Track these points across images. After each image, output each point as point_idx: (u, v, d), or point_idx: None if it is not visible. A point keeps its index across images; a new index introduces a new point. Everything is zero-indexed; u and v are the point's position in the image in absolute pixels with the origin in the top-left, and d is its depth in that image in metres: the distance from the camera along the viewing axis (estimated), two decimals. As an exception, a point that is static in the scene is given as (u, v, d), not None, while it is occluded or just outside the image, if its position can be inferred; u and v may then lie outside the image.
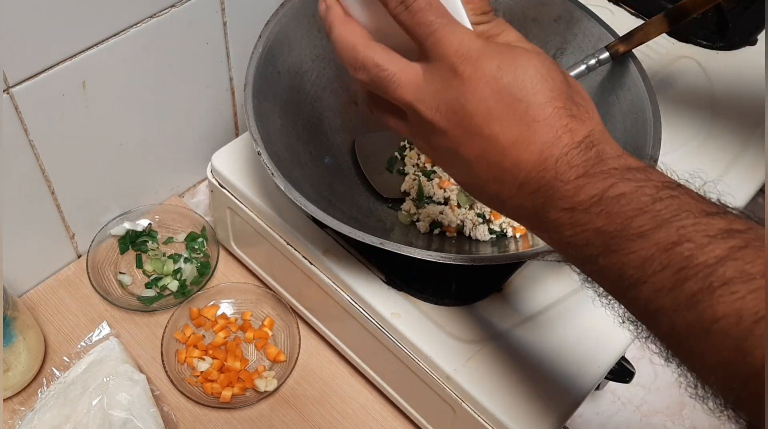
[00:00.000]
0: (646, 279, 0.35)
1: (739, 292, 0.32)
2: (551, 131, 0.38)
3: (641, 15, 0.88)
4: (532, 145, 0.38)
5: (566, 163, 0.38)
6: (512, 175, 0.39)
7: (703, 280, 0.33)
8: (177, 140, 0.79)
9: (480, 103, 0.39)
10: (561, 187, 0.38)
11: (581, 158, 0.38)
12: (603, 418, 0.81)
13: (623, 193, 0.36)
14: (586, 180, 0.37)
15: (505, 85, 0.38)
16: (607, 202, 0.36)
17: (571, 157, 0.38)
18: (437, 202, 0.69)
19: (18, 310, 0.65)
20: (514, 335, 0.61)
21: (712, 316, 0.33)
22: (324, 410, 0.70)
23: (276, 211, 0.66)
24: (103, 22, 0.61)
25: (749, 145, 0.77)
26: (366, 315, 0.63)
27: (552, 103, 0.39)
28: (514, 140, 0.39)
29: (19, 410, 0.67)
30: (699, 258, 0.33)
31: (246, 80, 0.61)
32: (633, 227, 0.35)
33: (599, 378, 0.61)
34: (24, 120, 0.61)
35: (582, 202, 0.37)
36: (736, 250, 0.33)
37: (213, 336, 0.73)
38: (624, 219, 0.36)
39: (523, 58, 0.39)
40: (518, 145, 0.39)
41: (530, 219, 0.41)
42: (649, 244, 0.35)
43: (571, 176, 0.38)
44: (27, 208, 0.68)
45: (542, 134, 0.38)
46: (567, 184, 0.38)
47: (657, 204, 0.36)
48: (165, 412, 0.67)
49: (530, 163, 0.39)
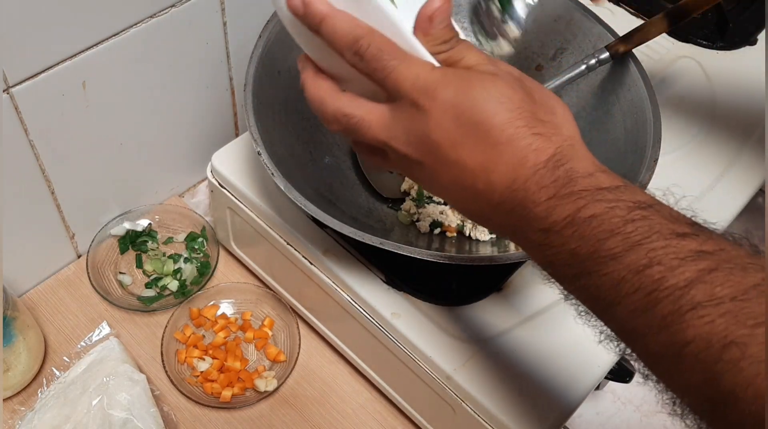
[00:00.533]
0: (620, 301, 0.35)
1: (709, 316, 0.32)
2: (516, 152, 0.38)
3: (641, 15, 0.88)
4: (499, 166, 0.39)
5: (535, 184, 0.38)
6: (487, 197, 0.40)
7: (673, 303, 0.33)
8: (177, 140, 0.79)
9: (443, 132, 0.39)
10: (533, 208, 0.38)
11: (550, 179, 0.38)
12: (603, 418, 0.81)
13: (594, 214, 0.36)
14: (557, 202, 0.37)
15: (464, 111, 0.39)
16: (579, 224, 0.36)
17: (539, 177, 0.38)
18: (437, 202, 0.69)
19: (18, 310, 0.65)
20: (514, 335, 0.61)
21: (683, 340, 0.33)
22: (324, 410, 0.70)
23: (276, 211, 0.66)
24: (103, 22, 0.61)
25: (749, 145, 0.77)
26: (366, 315, 0.63)
27: (513, 123, 0.38)
28: (481, 163, 0.39)
29: (19, 410, 0.67)
30: (669, 280, 0.34)
31: (246, 80, 0.61)
32: (604, 249, 0.36)
33: (599, 378, 0.61)
34: (24, 120, 0.61)
35: (555, 224, 0.37)
36: (706, 272, 0.33)
37: (213, 336, 0.73)
38: (596, 241, 0.36)
39: (478, 80, 0.39)
40: (486, 168, 0.39)
41: (513, 237, 0.41)
42: (621, 266, 0.35)
43: (542, 198, 0.38)
44: (27, 208, 0.68)
45: (507, 155, 0.38)
46: (538, 205, 0.38)
47: (628, 226, 0.36)
48: (165, 412, 0.67)
49: (501, 184, 0.39)
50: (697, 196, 0.72)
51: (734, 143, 0.77)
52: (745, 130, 0.78)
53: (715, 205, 0.70)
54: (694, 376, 0.33)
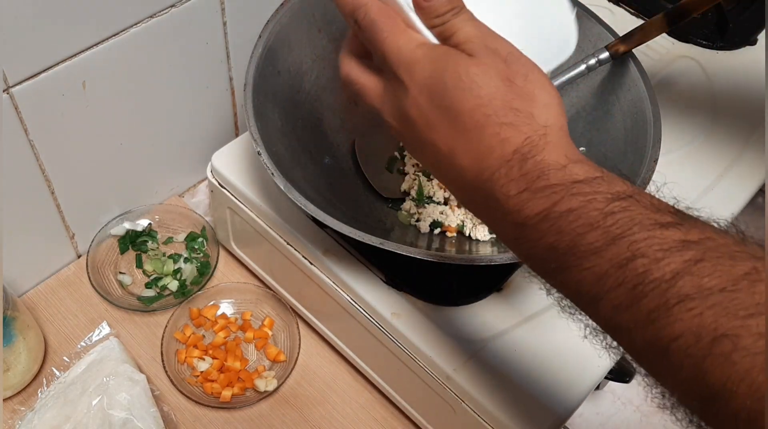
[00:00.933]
0: (603, 296, 0.34)
1: (697, 309, 0.31)
2: (482, 141, 0.38)
3: (641, 15, 0.88)
4: (468, 153, 0.38)
5: (504, 176, 0.37)
6: (461, 182, 0.39)
7: (659, 297, 0.32)
8: (177, 140, 0.79)
9: (418, 111, 0.39)
10: (505, 201, 0.37)
11: (518, 172, 0.37)
12: (603, 418, 0.81)
13: (570, 208, 0.35)
14: (529, 196, 0.36)
15: (437, 93, 0.39)
16: (555, 219, 0.35)
17: (507, 169, 0.37)
18: (437, 202, 0.69)
19: (18, 310, 0.65)
20: (514, 335, 0.61)
21: (670, 335, 0.32)
22: (324, 410, 0.70)
23: (276, 211, 0.66)
24: (103, 22, 0.61)
25: (749, 145, 0.77)
26: (366, 315, 0.63)
27: (480, 109, 0.38)
28: (451, 148, 0.39)
29: (19, 410, 0.67)
30: (654, 273, 0.32)
31: (246, 80, 0.61)
32: (584, 244, 0.34)
33: (599, 378, 0.61)
34: (24, 120, 0.61)
35: (529, 218, 0.36)
36: (692, 263, 0.32)
37: (213, 336, 0.73)
38: (574, 235, 0.35)
39: (453, 63, 0.39)
40: (456, 154, 0.39)
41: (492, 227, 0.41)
42: (603, 260, 0.34)
43: (512, 191, 0.37)
44: (27, 208, 0.68)
45: (474, 143, 0.38)
46: (510, 199, 0.37)
47: (608, 218, 0.34)
48: (165, 412, 0.67)
49: (471, 172, 0.38)
50: (697, 196, 0.72)
51: (734, 143, 0.77)
52: (746, 130, 0.78)
53: (715, 205, 0.70)
54: (683, 372, 0.31)
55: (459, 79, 0.38)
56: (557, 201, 0.36)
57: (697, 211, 0.36)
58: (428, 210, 0.68)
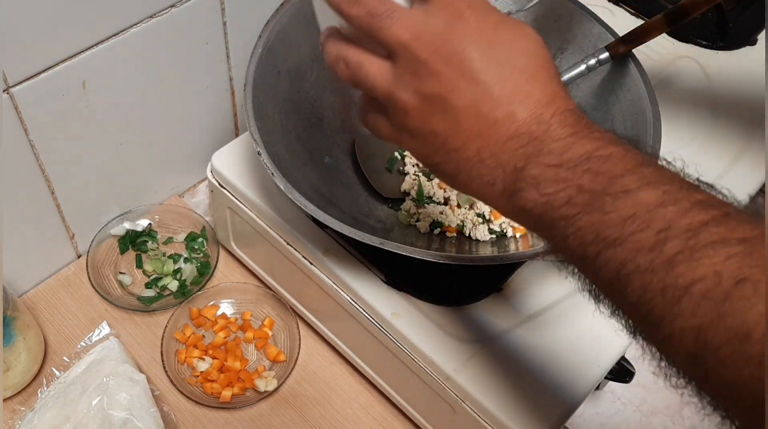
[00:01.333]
0: (625, 238, 0.35)
1: (720, 256, 0.32)
2: (547, 92, 0.40)
3: (641, 15, 0.88)
4: (528, 99, 0.39)
5: (559, 121, 0.39)
6: (503, 128, 0.39)
7: (684, 242, 0.33)
8: (177, 140, 0.79)
9: (484, 50, 0.39)
10: (550, 143, 0.38)
11: (572, 118, 0.39)
12: (603, 418, 0.81)
13: (612, 154, 0.37)
14: (577, 139, 0.38)
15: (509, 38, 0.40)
16: (595, 160, 0.37)
17: (564, 116, 0.39)
18: (437, 202, 0.69)
19: (18, 310, 0.65)
20: (514, 335, 0.61)
21: (691, 278, 0.32)
22: (324, 410, 0.70)
23: (276, 211, 0.66)
24: (102, 22, 0.61)
25: (749, 145, 0.77)
26: (366, 315, 0.63)
27: (548, 69, 0.40)
28: (511, 91, 0.39)
29: (19, 410, 0.67)
30: (681, 221, 0.33)
31: (246, 80, 0.61)
32: (618, 185, 0.36)
33: (599, 378, 0.61)
34: (24, 120, 0.61)
35: (569, 160, 0.37)
36: (720, 217, 0.33)
37: (213, 336, 0.73)
38: (610, 177, 0.36)
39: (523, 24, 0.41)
40: (514, 98, 0.39)
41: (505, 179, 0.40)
42: (633, 202, 0.35)
43: (563, 134, 0.38)
44: (27, 208, 0.68)
45: (539, 92, 0.39)
46: (557, 140, 0.38)
47: (644, 168, 0.36)
48: (165, 412, 0.67)
49: (524, 116, 0.39)
50: (697, 196, 0.72)
51: (734, 143, 0.77)
52: (746, 130, 0.78)
53: (715, 205, 0.70)
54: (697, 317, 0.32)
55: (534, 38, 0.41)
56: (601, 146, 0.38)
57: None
58: (428, 210, 0.68)
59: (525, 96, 0.39)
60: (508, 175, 0.40)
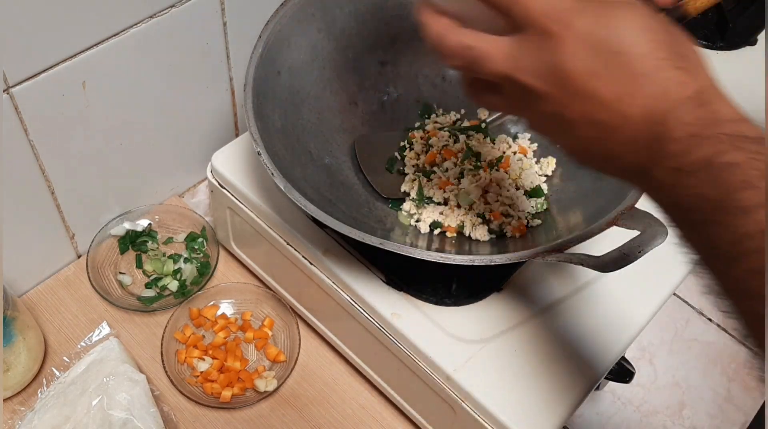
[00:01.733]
0: (740, 257, 0.34)
1: None
2: (657, 84, 0.37)
3: (641, 15, 0.88)
4: (637, 99, 0.37)
5: (675, 119, 0.36)
6: (619, 133, 0.38)
7: None
8: (177, 140, 0.79)
9: (578, 62, 0.38)
10: (668, 144, 0.36)
11: (693, 115, 0.36)
12: (603, 418, 0.81)
13: (732, 162, 0.35)
14: (697, 141, 0.36)
15: (602, 40, 0.38)
16: (714, 168, 0.35)
17: (681, 112, 0.36)
18: (437, 202, 0.69)
19: (18, 310, 0.65)
20: (514, 335, 0.61)
21: None
22: (324, 410, 0.70)
23: (276, 211, 0.66)
24: (102, 23, 0.61)
25: (749, 145, 0.77)
26: (366, 315, 0.63)
27: (653, 53, 0.37)
28: (618, 95, 0.38)
29: (19, 410, 0.67)
30: None
31: (246, 80, 0.61)
32: (736, 200, 0.34)
33: (599, 378, 0.61)
34: (24, 120, 0.61)
35: (689, 164, 0.36)
36: None
37: (213, 336, 0.73)
38: (729, 190, 0.34)
39: (616, 10, 0.38)
40: (623, 100, 0.38)
41: (636, 178, 0.40)
42: (750, 221, 0.33)
43: (682, 134, 0.36)
44: (27, 208, 0.68)
45: (647, 87, 0.37)
46: (676, 142, 0.36)
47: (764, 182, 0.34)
48: (165, 412, 0.67)
49: (637, 118, 0.37)
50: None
51: (734, 143, 0.77)
52: (745, 130, 0.78)
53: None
54: None
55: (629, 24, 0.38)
56: (721, 151, 0.35)
57: None
58: (428, 210, 0.68)
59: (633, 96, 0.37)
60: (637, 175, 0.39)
